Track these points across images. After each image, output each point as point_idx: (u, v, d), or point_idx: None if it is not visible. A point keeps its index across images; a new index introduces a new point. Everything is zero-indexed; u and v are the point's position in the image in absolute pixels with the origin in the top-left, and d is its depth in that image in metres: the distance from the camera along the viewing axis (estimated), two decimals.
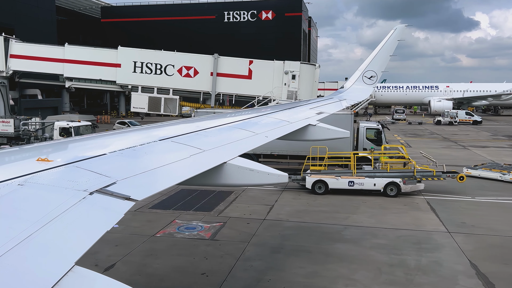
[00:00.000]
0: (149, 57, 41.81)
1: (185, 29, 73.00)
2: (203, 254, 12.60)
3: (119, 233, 14.45)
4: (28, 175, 3.31)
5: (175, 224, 15.34)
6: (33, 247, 2.38)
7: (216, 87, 41.09)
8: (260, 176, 5.22)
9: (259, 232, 14.54)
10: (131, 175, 3.82)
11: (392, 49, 16.07)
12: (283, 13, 73.15)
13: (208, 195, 19.72)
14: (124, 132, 6.76)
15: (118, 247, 13.07)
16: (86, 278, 2.33)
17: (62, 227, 2.68)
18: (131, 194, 3.39)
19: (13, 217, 2.69)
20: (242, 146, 6.00)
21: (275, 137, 7.33)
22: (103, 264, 11.74)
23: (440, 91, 79.96)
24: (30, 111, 44.51)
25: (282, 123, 8.25)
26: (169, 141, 5.38)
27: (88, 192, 3.20)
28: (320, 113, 10.30)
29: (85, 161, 3.95)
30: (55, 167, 3.64)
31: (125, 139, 5.74)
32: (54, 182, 3.30)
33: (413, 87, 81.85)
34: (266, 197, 19.53)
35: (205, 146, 5.32)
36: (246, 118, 8.22)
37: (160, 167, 4.28)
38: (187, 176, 4.29)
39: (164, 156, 4.74)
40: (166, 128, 6.98)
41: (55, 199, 3.00)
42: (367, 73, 15.77)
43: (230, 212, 17.07)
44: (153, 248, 13.04)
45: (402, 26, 16.50)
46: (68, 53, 41.85)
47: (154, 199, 18.60)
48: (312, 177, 20.24)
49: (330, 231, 14.66)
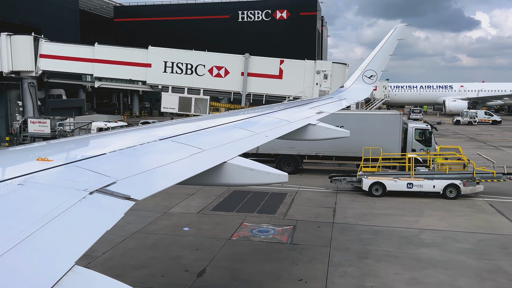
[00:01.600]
0: (179, 57, 41.37)
1: (199, 28, 72.74)
2: (289, 259, 12.56)
3: (192, 236, 14.64)
4: (28, 174, 3.30)
5: (246, 227, 15.38)
6: (33, 247, 2.38)
7: (246, 87, 40.74)
8: (260, 175, 5.22)
9: (336, 236, 14.52)
10: (131, 174, 3.82)
11: (392, 49, 16.05)
12: (298, 13, 72.77)
13: (263, 196, 19.92)
14: (124, 131, 6.76)
15: (200, 251, 13.13)
16: (86, 278, 2.33)
17: (62, 227, 2.68)
18: (131, 193, 3.38)
19: (13, 217, 2.69)
20: (242, 145, 6.00)
21: (275, 136, 7.33)
22: (193, 269, 11.76)
23: (454, 90, 79.54)
24: (56, 111, 44.13)
25: (282, 122, 8.25)
26: (169, 141, 5.38)
27: (88, 192, 3.20)
28: (320, 112, 10.30)
29: (85, 161, 3.95)
30: (55, 167, 3.64)
31: (125, 139, 5.74)
32: (54, 182, 3.30)
33: (427, 87, 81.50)
34: (323, 199, 19.57)
35: (205, 146, 5.31)
36: (246, 118, 8.22)
37: (160, 167, 4.27)
38: (187, 175, 4.29)
39: (164, 156, 4.74)
40: (166, 128, 6.98)
41: (55, 198, 3.00)
42: (367, 73, 15.76)
43: (294, 214, 17.13)
44: (236, 253, 13.04)
45: (402, 25, 16.48)
46: (98, 52, 41.43)
47: (211, 201, 18.90)
48: (369, 179, 20.05)
49: (407, 235, 14.64)
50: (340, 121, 24.71)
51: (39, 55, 41.28)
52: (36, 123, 35.77)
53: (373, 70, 15.69)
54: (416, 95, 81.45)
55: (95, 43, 42.71)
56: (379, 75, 15.86)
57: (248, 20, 74.53)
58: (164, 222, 16.14)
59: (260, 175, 5.23)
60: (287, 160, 26.08)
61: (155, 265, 12.16)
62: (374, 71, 15.69)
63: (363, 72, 15.76)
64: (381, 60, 15.85)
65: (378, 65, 15.77)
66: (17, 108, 42.29)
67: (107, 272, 9.11)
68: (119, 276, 11.03)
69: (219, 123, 7.28)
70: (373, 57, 15.84)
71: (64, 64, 41.55)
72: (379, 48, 15.99)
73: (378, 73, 15.71)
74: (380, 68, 15.85)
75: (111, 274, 11.58)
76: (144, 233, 14.90)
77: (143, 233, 14.95)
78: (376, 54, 15.85)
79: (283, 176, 5.46)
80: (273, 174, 5.38)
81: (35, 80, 42.37)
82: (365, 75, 15.74)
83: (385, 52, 15.89)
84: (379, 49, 15.97)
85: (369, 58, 16.08)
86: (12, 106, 42.73)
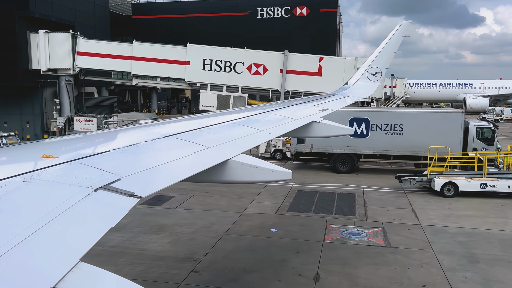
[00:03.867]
0: (218, 54, 41.12)
1: (218, 26, 72.38)
2: (399, 263, 12.42)
3: (284, 237, 14.63)
4: (33, 171, 3.32)
5: (333, 229, 15.37)
6: (38, 244, 2.39)
7: (285, 85, 40.25)
8: (264, 173, 5.22)
9: (432, 239, 14.45)
10: (135, 171, 3.83)
11: (397, 46, 15.97)
12: (318, 9, 71.98)
13: (331, 197, 19.97)
14: (128, 129, 6.77)
15: (301, 254, 13.11)
16: (91, 274, 2.34)
17: (67, 224, 2.69)
18: (135, 191, 3.39)
19: (19, 214, 2.71)
20: (245, 143, 6.00)
21: (279, 134, 7.32)
22: (305, 274, 11.72)
23: (475, 88, 78.64)
24: (89, 109, 44.49)
25: (285, 120, 8.23)
26: (173, 138, 5.38)
27: (92, 189, 3.21)
28: (324, 109, 10.27)
29: (90, 158, 3.96)
30: (59, 164, 3.65)
31: (129, 136, 5.75)
32: (58, 179, 3.31)
33: (446, 84, 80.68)
34: (395, 200, 19.50)
35: (208, 143, 5.32)
36: (249, 115, 8.21)
37: (164, 164, 4.28)
38: (191, 173, 4.30)
39: (168, 153, 4.75)
40: (170, 125, 6.99)
41: (60, 195, 3.02)
42: (372, 70, 15.69)
43: (375, 216, 17.11)
44: (340, 256, 12.97)
45: (407, 23, 16.40)
46: (136, 50, 41.21)
47: (282, 202, 19.00)
48: (441, 179, 19.87)
49: (505, 238, 14.54)
50: (399, 120, 24.79)
51: (76, 52, 41.11)
52: (82, 121, 35.97)
53: (378, 67, 15.63)
54: (436, 92, 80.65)
55: (133, 40, 42.38)
56: (383, 72, 15.80)
57: (267, 17, 73.88)
58: (248, 223, 16.13)
59: (264, 172, 5.23)
60: (343, 159, 25.82)
61: (265, 269, 12.03)
62: (379, 68, 15.62)
63: (367, 69, 15.70)
64: (385, 57, 15.77)
65: (383, 62, 15.70)
66: (54, 106, 42.45)
67: (220, 277, 9.80)
68: (234, 281, 11.13)
69: (223, 121, 7.28)
70: (378, 54, 15.77)
71: (102, 61, 41.36)
72: (384, 45, 15.92)
73: (382, 70, 15.65)
74: (384, 65, 15.78)
75: (226, 278, 11.12)
76: (234, 234, 14.87)
77: (232, 234, 14.93)
78: (381, 51, 15.78)
79: (287, 174, 5.46)
80: (277, 171, 5.38)
81: (72, 78, 42.28)
82: (369, 72, 15.68)
83: (390, 49, 15.82)
84: (383, 46, 15.89)
85: (373, 55, 16.01)
86: (47, 104, 42.84)
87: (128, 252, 13.30)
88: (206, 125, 6.60)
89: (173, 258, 12.87)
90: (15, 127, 40.53)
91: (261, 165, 5.25)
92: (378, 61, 15.60)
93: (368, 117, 25.30)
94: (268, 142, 30.71)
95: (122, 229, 15.25)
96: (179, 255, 13.07)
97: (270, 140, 30.43)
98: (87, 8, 52.76)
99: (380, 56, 15.67)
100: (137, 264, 12.43)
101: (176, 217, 17.07)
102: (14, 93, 41.73)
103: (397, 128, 24.88)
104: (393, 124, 24.89)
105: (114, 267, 12.04)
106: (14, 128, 38.76)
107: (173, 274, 11.70)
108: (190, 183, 19.87)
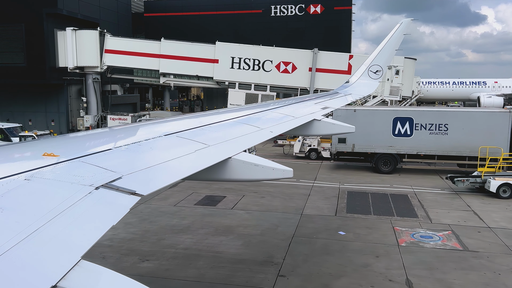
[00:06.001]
0: (247, 52, 40.83)
1: (231, 23, 72.03)
2: (487, 269, 12.20)
3: (356, 240, 14.45)
4: (35, 170, 3.33)
5: (402, 232, 15.25)
6: (40, 241, 2.40)
7: (314, 83, 39.72)
8: (265, 171, 5.23)
9: (509, 243, 14.25)
10: (136, 170, 3.84)
11: (398, 44, 15.94)
12: (332, 7, 71.32)
13: (384, 198, 19.92)
14: (129, 127, 6.78)
15: (381, 258, 12.95)
16: (92, 272, 2.35)
17: (68, 222, 2.70)
18: (136, 189, 3.40)
19: (20, 212, 2.72)
20: (246, 141, 6.00)
21: (280, 132, 7.33)
22: (395, 279, 11.47)
23: (488, 86, 77.92)
24: (113, 107, 44.29)
25: (287, 118, 8.23)
26: (174, 136, 5.39)
27: (94, 187, 3.22)
28: (325, 108, 10.27)
29: (91, 156, 3.97)
30: (61, 162, 3.66)
31: (131, 134, 5.76)
32: (60, 177, 3.32)
33: (460, 83, 79.97)
34: (450, 202, 19.33)
35: (210, 141, 5.32)
36: (250, 113, 8.21)
37: (165, 162, 4.29)
38: (193, 171, 4.30)
39: (169, 151, 4.75)
40: (171, 123, 6.99)
41: (62, 194, 3.03)
42: (373, 68, 15.68)
43: (438, 218, 16.94)
44: (423, 260, 12.78)
45: (408, 20, 16.36)
46: (164, 48, 40.88)
47: (336, 203, 18.89)
48: (497, 180, 19.66)
49: None
50: (444, 119, 24.65)
51: (104, 50, 40.78)
52: (116, 120, 35.93)
53: (379, 65, 15.61)
54: (449, 91, 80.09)
55: (162, 38, 41.82)
56: (384, 70, 15.78)
57: (281, 14, 73.35)
58: (312, 225, 16.04)
59: (265, 171, 5.23)
60: (385, 159, 25.65)
61: (351, 274, 11.86)
62: (380, 66, 15.60)
63: (368, 67, 15.68)
64: (386, 55, 15.75)
65: (384, 60, 15.68)
66: (81, 104, 42.25)
67: (310, 282, 9.86)
68: (325, 286, 11.01)
69: (224, 119, 7.28)
70: (379, 52, 15.75)
71: (130, 59, 41.06)
72: (385, 43, 15.89)
73: (384, 68, 15.63)
74: (385, 63, 15.76)
75: (317, 284, 10.97)
76: (303, 237, 14.76)
77: (301, 236, 14.82)
78: (382, 49, 15.75)
79: (288, 172, 5.46)
80: (278, 169, 5.38)
81: (99, 76, 41.98)
82: (370, 70, 15.66)
83: (391, 47, 15.79)
84: (384, 44, 15.87)
85: (374, 53, 15.99)
86: (72, 102, 42.68)
87: (204, 255, 13.21)
88: (207, 123, 6.60)
89: (252, 261, 12.75)
90: (40, 125, 40.41)
91: (262, 163, 5.25)
92: (380, 59, 15.59)
93: (412, 117, 25.10)
94: (302, 141, 30.53)
95: (187, 231, 15.27)
96: (257, 258, 12.96)
97: (304, 139, 30.33)
98: (110, 5, 52.51)
99: (381, 54, 15.65)
100: (219, 268, 12.29)
101: (237, 218, 16.97)
102: (40, 91, 41.50)
103: (442, 127, 24.66)
104: (438, 123, 24.72)
105: (197, 271, 12.02)
106: (39, 126, 38.69)
107: (260, 279, 11.59)
108: (237, 183, 20.27)
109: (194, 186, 21.22)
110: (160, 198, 19.42)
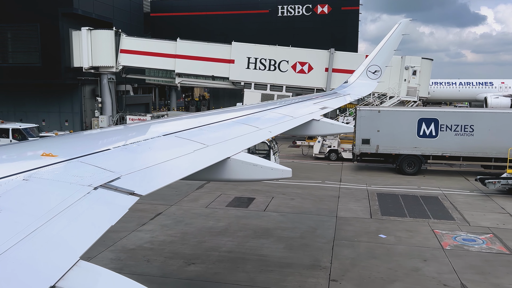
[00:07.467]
0: (263, 53, 40.52)
1: (238, 23, 71.74)
2: None
3: (399, 244, 14.31)
4: (33, 170, 3.32)
5: (443, 235, 15.11)
6: (38, 242, 2.40)
7: (330, 84, 39.26)
8: (263, 171, 5.22)
9: None
10: (135, 170, 3.83)
11: (397, 44, 15.96)
12: (339, 7, 71.07)
13: (415, 200, 19.72)
14: (128, 127, 6.78)
15: (429, 262, 12.78)
16: (91, 272, 2.34)
17: (67, 222, 2.69)
18: (135, 189, 3.39)
19: (19, 212, 2.71)
20: (245, 141, 6.00)
21: (279, 132, 7.32)
22: (451, 284, 11.28)
23: (495, 87, 77.72)
24: (127, 107, 44.20)
25: (285, 118, 8.23)
26: (173, 136, 5.39)
27: (92, 187, 3.22)
28: (323, 108, 10.27)
29: (89, 156, 3.96)
30: (59, 162, 3.66)
31: (129, 134, 5.76)
32: (58, 177, 3.31)
33: (467, 83, 79.70)
34: (483, 204, 19.18)
35: (208, 141, 5.32)
36: (249, 113, 8.21)
37: (164, 162, 4.28)
38: (191, 171, 4.30)
39: (168, 151, 4.75)
40: (169, 124, 6.99)
41: (60, 194, 3.02)
42: (371, 68, 15.69)
43: (477, 221, 16.80)
44: (472, 265, 12.61)
45: (407, 21, 16.38)
46: (180, 48, 40.61)
47: (368, 205, 18.77)
48: None
49: None
50: (470, 120, 24.43)
51: (120, 50, 40.50)
52: (135, 120, 35.82)
53: (378, 65, 15.63)
54: (455, 91, 79.91)
55: (177, 38, 41.51)
56: (383, 70, 15.80)
57: (288, 15, 73.12)
58: (350, 228, 15.90)
59: (264, 171, 5.23)
60: (410, 160, 25.40)
61: (404, 278, 11.73)
62: (379, 67, 15.62)
63: (367, 67, 15.70)
64: (385, 56, 15.78)
65: (383, 61, 15.70)
66: (96, 104, 41.99)
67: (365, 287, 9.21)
68: None
69: (222, 119, 7.28)
70: (377, 52, 15.77)
71: (145, 59, 40.77)
72: (383, 43, 15.91)
73: (382, 69, 15.65)
74: (384, 64, 15.79)
75: None
76: (344, 240, 14.63)
77: (342, 240, 14.68)
78: (381, 49, 15.78)
79: (287, 172, 5.46)
80: (276, 169, 5.38)
81: (114, 76, 41.73)
82: (369, 70, 15.68)
83: (390, 48, 15.82)
84: (383, 45, 15.89)
85: (373, 54, 16.02)
86: (86, 102, 42.50)
87: (249, 258, 13.06)
88: (206, 123, 6.60)
89: (300, 265, 12.58)
90: (54, 125, 40.23)
91: (261, 163, 5.25)
92: (378, 59, 15.61)
93: (437, 117, 24.90)
94: (322, 142, 30.19)
95: (225, 233, 15.18)
96: (304, 262, 12.80)
97: (324, 140, 30.12)
98: (124, 5, 52.30)
99: (380, 54, 15.67)
100: (268, 272, 12.15)
101: (272, 220, 16.83)
102: (54, 91, 41.31)
103: (467, 128, 24.43)
104: (463, 124, 24.49)
105: (246, 275, 11.88)
106: (53, 127, 38.51)
107: (313, 284, 11.41)
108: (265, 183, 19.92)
109: (221, 188, 21.06)
110: (189, 199, 19.31)
